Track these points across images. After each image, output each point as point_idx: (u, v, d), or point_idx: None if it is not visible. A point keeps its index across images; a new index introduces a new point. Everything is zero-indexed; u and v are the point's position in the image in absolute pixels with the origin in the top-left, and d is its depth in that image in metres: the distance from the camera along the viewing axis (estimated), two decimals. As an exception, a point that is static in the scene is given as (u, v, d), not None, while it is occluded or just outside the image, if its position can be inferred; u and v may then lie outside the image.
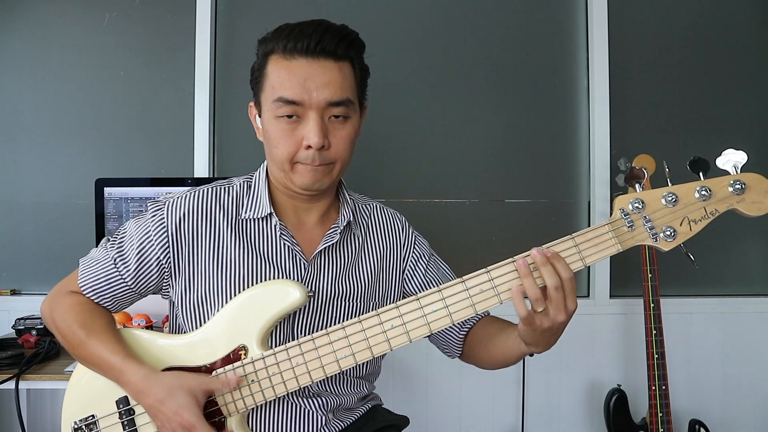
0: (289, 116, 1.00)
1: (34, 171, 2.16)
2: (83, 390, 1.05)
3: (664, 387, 1.93)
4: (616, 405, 2.02)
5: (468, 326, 1.18)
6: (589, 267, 2.24)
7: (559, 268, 0.89)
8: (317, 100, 0.99)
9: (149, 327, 1.81)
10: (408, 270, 1.20)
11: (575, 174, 2.28)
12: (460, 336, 1.18)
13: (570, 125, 2.27)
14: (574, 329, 2.15)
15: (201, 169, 2.14)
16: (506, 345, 1.04)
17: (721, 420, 2.22)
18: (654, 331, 1.94)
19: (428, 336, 1.20)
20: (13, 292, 2.14)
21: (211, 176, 2.15)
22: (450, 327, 1.16)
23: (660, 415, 1.94)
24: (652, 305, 1.95)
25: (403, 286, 1.20)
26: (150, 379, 0.96)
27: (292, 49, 0.99)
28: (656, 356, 1.94)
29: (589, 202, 2.26)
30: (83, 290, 1.07)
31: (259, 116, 1.07)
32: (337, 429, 1.09)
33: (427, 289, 1.16)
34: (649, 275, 1.95)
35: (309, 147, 1.00)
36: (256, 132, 1.11)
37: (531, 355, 2.13)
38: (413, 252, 1.20)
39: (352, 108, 1.04)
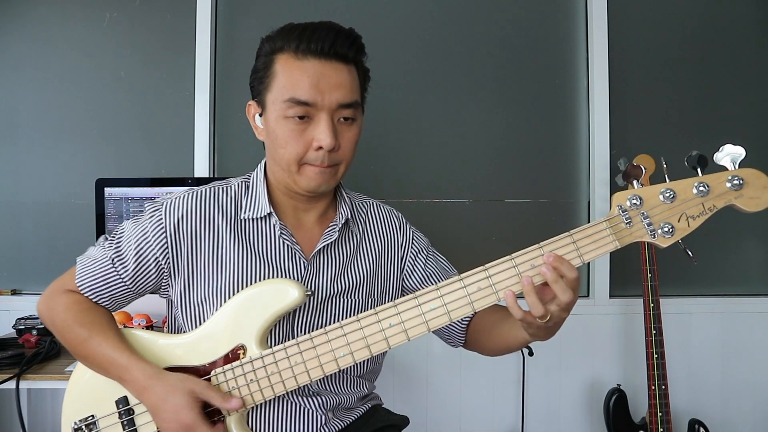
0: (300, 117, 0.99)
1: (34, 171, 2.17)
2: (83, 390, 1.06)
3: (663, 387, 1.93)
4: (616, 405, 2.02)
5: (469, 316, 1.18)
6: (589, 268, 2.26)
7: (565, 270, 0.88)
8: (329, 102, 0.99)
9: (149, 327, 1.81)
10: (408, 265, 1.20)
11: (575, 174, 2.28)
12: (462, 326, 1.18)
13: (570, 125, 2.27)
14: (574, 329, 2.18)
15: (201, 169, 2.15)
16: (510, 334, 1.04)
17: (721, 420, 2.22)
18: (654, 331, 1.94)
19: None
20: (14, 292, 2.14)
21: (212, 176, 2.15)
22: None
23: (660, 414, 1.94)
24: (651, 305, 1.95)
25: (404, 282, 1.20)
26: (155, 377, 0.96)
27: (305, 49, 0.98)
28: (656, 356, 1.94)
29: (589, 202, 2.26)
30: (81, 290, 1.07)
31: (260, 115, 1.07)
32: (336, 428, 1.10)
33: (428, 283, 1.16)
34: (649, 275, 1.95)
35: (320, 148, 0.99)
36: (255, 131, 1.10)
37: (531, 354, 2.12)
38: (412, 247, 1.21)
39: (359, 111, 1.05)
